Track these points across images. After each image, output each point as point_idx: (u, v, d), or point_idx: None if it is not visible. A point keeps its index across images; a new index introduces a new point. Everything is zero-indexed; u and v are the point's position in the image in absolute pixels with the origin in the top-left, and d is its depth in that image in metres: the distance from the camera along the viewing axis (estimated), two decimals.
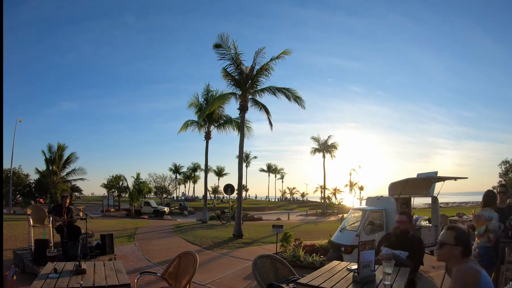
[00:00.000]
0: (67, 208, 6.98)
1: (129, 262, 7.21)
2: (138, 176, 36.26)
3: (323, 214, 37.43)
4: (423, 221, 8.83)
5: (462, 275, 1.97)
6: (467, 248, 2.08)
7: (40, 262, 5.08)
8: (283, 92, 14.35)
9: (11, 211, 27.08)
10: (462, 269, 2.00)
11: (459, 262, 2.06)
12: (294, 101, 14.43)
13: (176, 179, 65.46)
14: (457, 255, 2.06)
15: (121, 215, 29.19)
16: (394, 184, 7.89)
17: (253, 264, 3.47)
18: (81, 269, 3.02)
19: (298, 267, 6.22)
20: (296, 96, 14.37)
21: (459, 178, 7.67)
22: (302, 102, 14.44)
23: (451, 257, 2.10)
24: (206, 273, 6.26)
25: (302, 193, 79.81)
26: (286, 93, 14.34)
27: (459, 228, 2.24)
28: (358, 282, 2.66)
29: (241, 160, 14.58)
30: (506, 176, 41.38)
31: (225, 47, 13.55)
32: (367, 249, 2.79)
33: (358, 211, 7.93)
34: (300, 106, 14.46)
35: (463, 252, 2.06)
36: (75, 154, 31.83)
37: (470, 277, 1.94)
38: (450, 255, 2.10)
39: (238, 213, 13.94)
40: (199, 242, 10.86)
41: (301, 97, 14.43)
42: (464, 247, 2.06)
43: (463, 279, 1.96)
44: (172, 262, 3.73)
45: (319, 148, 41.90)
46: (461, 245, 2.06)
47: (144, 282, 5.08)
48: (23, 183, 35.82)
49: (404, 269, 3.03)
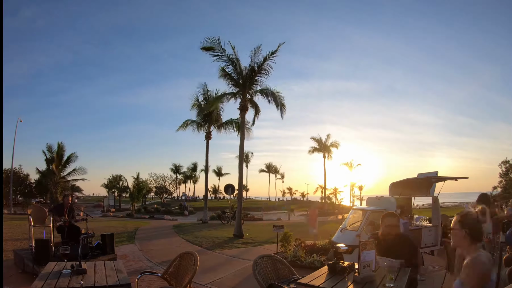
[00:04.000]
0: (69, 207, 6.97)
1: (130, 262, 7.21)
2: (138, 176, 36.34)
3: (324, 214, 37.44)
4: (423, 221, 8.82)
5: (478, 267, 1.90)
6: (474, 231, 2.01)
7: (40, 262, 5.08)
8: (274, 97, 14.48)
9: (12, 211, 27.11)
10: (478, 260, 1.93)
11: (470, 249, 2.00)
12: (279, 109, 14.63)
13: (176, 179, 65.53)
14: (465, 240, 2.01)
15: (122, 215, 29.22)
16: (395, 184, 7.88)
17: (253, 264, 3.47)
18: (82, 269, 3.02)
19: (299, 267, 6.21)
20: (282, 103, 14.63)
21: (460, 178, 7.67)
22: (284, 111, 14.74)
23: (461, 242, 2.04)
24: (207, 273, 6.26)
25: (303, 193, 79.76)
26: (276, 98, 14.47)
27: (465, 211, 2.17)
28: (359, 282, 2.66)
29: (242, 160, 14.59)
30: (507, 176, 41.28)
31: (218, 49, 13.50)
32: (367, 249, 2.79)
33: (359, 211, 7.92)
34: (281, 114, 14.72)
35: (471, 236, 2.00)
36: (75, 154, 31.82)
37: (485, 270, 1.89)
38: (459, 240, 2.04)
39: (238, 213, 13.95)
40: (200, 242, 10.86)
41: (284, 104, 14.78)
42: (470, 230, 2.01)
43: (479, 271, 1.89)
44: (173, 262, 3.73)
45: (318, 148, 41.90)
46: (466, 228, 2.01)
47: (145, 282, 5.08)
48: (23, 183, 35.86)
49: (405, 269, 3.02)
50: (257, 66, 13.96)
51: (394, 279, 2.61)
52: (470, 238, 2.00)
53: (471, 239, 2.00)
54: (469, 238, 2.00)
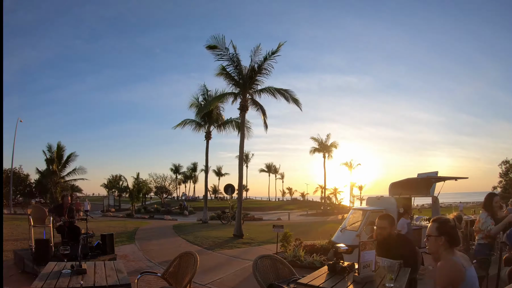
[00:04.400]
0: (69, 207, 6.97)
1: (130, 262, 7.21)
2: (138, 176, 36.32)
3: (324, 214, 37.44)
4: (423, 221, 8.83)
5: (447, 271, 1.92)
6: (452, 238, 2.02)
7: (40, 262, 5.08)
8: (282, 94, 14.40)
9: (12, 211, 27.10)
10: (447, 264, 1.95)
11: (447, 254, 2.00)
12: (293, 103, 14.51)
13: (176, 179, 65.51)
14: (442, 246, 2.01)
15: (122, 215, 29.21)
16: (395, 184, 7.89)
17: (253, 264, 3.47)
18: (82, 269, 3.02)
19: (299, 267, 6.21)
20: (293, 98, 14.49)
21: (460, 178, 7.67)
22: (299, 104, 14.59)
23: (437, 249, 2.04)
24: (207, 273, 6.26)
25: (302, 193, 79.75)
26: (285, 94, 14.39)
27: (442, 218, 2.18)
28: (359, 282, 2.66)
29: (241, 160, 14.59)
30: (507, 176, 41.28)
31: (221, 48, 13.50)
32: (367, 249, 2.79)
33: (359, 211, 7.92)
34: (298, 107, 14.64)
35: (449, 242, 2.01)
36: (74, 153, 31.80)
37: (455, 273, 1.88)
38: (436, 246, 2.04)
39: (238, 213, 13.95)
40: (200, 242, 10.87)
41: (298, 99, 14.59)
42: (448, 237, 2.01)
43: (447, 275, 1.90)
44: (173, 262, 3.73)
45: (319, 148, 41.92)
46: (444, 235, 2.01)
47: (145, 282, 5.08)
48: (23, 183, 35.84)
49: (405, 270, 3.02)
50: (258, 66, 13.96)
51: (394, 279, 2.61)
52: (448, 244, 2.01)
53: (449, 246, 2.01)
54: (447, 245, 2.01)
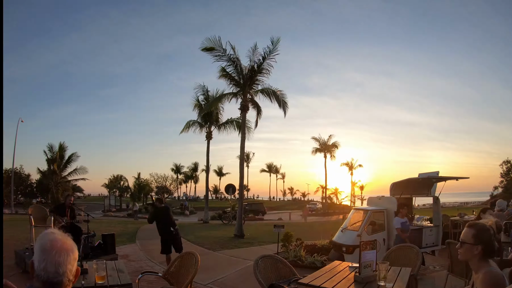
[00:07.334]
0: (70, 207, 6.99)
1: (131, 262, 7.23)
2: (139, 176, 36.40)
3: (325, 214, 37.43)
4: (424, 221, 8.81)
5: (493, 282, 1.79)
6: (489, 248, 1.88)
7: None
8: (276, 97, 14.48)
9: (13, 211, 27.16)
10: (493, 275, 1.82)
11: (481, 264, 1.87)
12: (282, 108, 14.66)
13: (177, 179, 65.60)
14: (477, 255, 1.88)
15: (122, 215, 29.24)
16: (396, 184, 7.87)
17: (254, 264, 3.48)
18: (83, 269, 3.02)
19: (299, 267, 6.21)
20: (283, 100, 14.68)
21: (461, 178, 7.65)
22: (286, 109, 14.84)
23: (471, 257, 1.91)
24: (207, 273, 6.26)
25: (303, 193, 79.77)
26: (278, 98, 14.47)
27: (480, 224, 1.99)
28: (360, 282, 2.66)
29: (242, 160, 14.61)
30: (507, 176, 41.24)
31: (219, 49, 13.50)
32: (368, 249, 2.79)
33: (360, 211, 7.91)
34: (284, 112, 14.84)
35: (485, 252, 1.87)
36: (76, 154, 31.89)
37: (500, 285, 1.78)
38: (470, 254, 1.90)
39: (239, 213, 13.95)
40: (201, 242, 10.89)
41: (287, 102, 14.84)
42: (484, 246, 1.87)
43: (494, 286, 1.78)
44: (174, 262, 3.74)
45: (320, 148, 41.91)
46: (481, 244, 1.87)
47: (146, 282, 5.08)
48: (24, 183, 35.94)
49: (405, 270, 3.02)
50: (257, 65, 13.97)
51: (394, 279, 2.61)
52: (483, 254, 1.88)
53: (483, 255, 1.88)
54: (482, 254, 1.88)
